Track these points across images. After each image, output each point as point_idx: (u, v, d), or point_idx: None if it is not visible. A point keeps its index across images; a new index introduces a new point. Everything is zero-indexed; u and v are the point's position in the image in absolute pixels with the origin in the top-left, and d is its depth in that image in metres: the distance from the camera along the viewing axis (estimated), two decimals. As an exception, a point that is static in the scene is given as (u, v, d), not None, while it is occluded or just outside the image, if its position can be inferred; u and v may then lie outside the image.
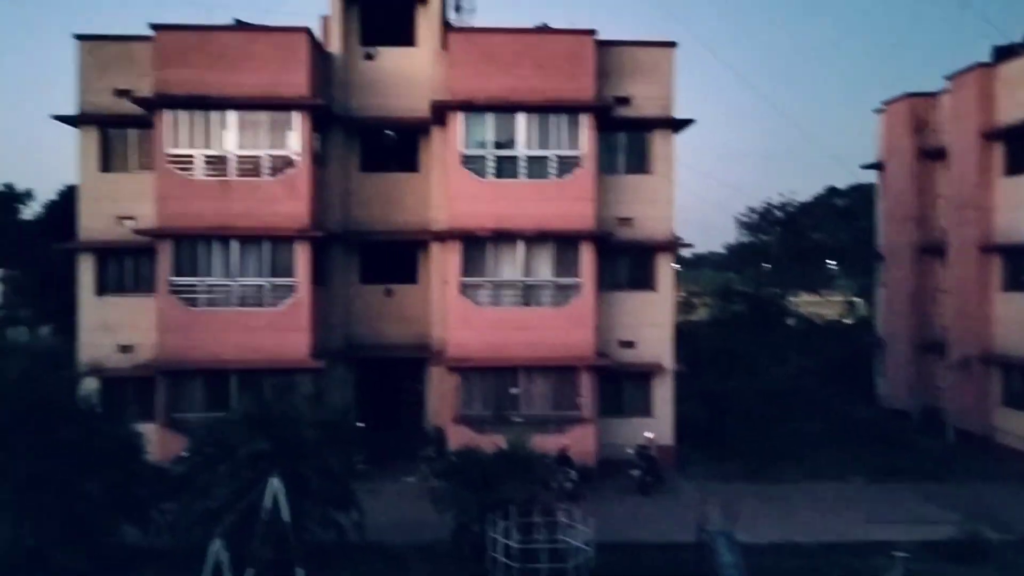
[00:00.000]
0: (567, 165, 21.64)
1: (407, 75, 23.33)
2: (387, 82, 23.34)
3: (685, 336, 27.42)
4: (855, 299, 48.45)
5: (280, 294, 21.20)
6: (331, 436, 15.44)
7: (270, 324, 21.03)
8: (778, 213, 45.70)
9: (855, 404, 31.31)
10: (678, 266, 29.78)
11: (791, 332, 37.83)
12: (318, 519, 14.91)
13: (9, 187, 72.58)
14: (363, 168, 23.66)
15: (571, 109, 21.52)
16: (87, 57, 22.46)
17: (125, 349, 22.03)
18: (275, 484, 13.10)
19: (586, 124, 21.58)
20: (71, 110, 22.59)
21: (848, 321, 43.95)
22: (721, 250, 68.05)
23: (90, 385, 19.20)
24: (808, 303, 48.02)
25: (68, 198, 32.33)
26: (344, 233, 23.11)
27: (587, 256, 21.69)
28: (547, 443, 18.56)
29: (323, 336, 22.27)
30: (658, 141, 23.08)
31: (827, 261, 51.09)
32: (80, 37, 22.44)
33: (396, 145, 23.95)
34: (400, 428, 23.12)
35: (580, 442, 20.99)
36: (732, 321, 36.43)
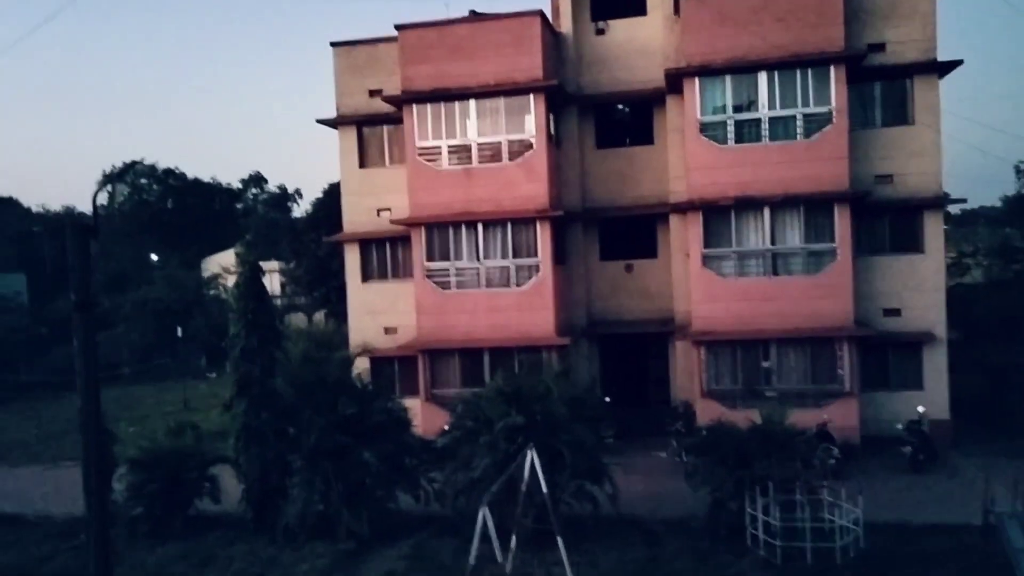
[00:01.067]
0: (815, 123, 20.17)
1: (638, 46, 22.93)
2: (618, 55, 23.09)
3: (958, 301, 24.69)
4: None
5: (524, 274, 21.80)
6: (580, 411, 15.67)
7: (516, 303, 21.72)
8: (1067, 159, 39.63)
9: None
10: (947, 225, 26.79)
11: (1090, 294, 32.76)
12: (573, 491, 15.22)
13: (282, 188, 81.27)
14: (598, 145, 23.65)
15: (818, 62, 20.01)
16: (342, 62, 24.37)
17: (389, 331, 23.80)
18: (531, 456, 13.48)
19: (836, 77, 19.97)
20: (331, 113, 24.66)
21: None
22: (998, 203, 60.15)
23: (361, 364, 20.97)
24: (1110, 260, 41.33)
25: (332, 195, 35.56)
26: (582, 211, 23.28)
27: (841, 219, 20.13)
28: (805, 418, 17.49)
29: (566, 313, 22.64)
30: (920, 88, 20.85)
31: None
32: (335, 44, 24.40)
33: (630, 119, 23.67)
34: (646, 403, 23.00)
35: (841, 417, 19.63)
36: (1014, 283, 32.22)
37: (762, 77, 20.38)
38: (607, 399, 20.28)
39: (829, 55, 19.95)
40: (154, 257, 60.78)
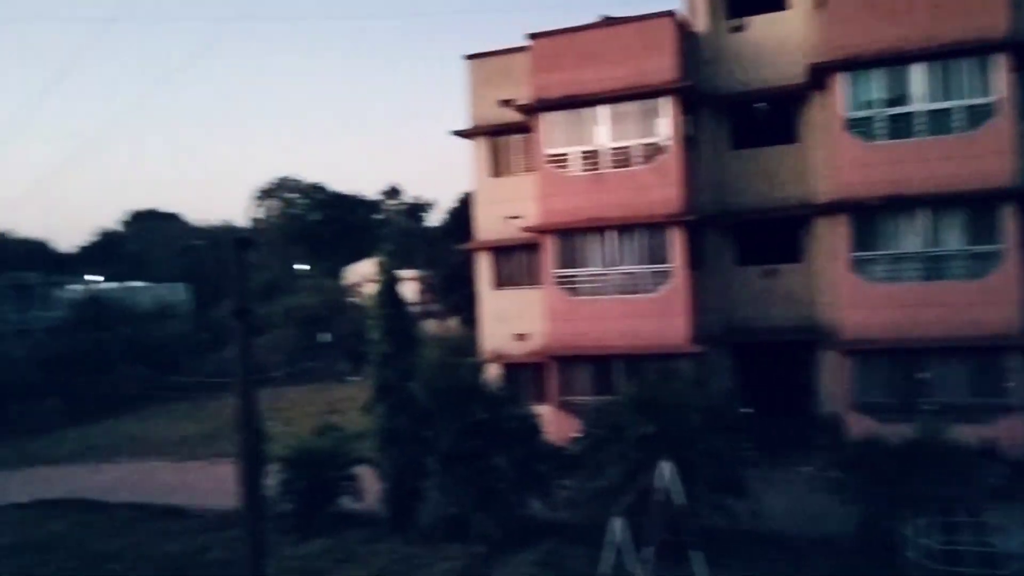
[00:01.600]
0: (977, 115, 18.69)
1: (778, 42, 22.05)
2: (756, 52, 22.29)
3: None
4: None
5: (656, 280, 21.33)
6: (716, 421, 15.13)
7: (648, 310, 21.27)
8: None
9: None
10: None
11: None
12: (709, 504, 14.68)
13: (417, 199, 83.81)
14: (735, 145, 22.87)
15: (979, 51, 18.55)
16: (475, 74, 24.80)
17: (519, 337, 23.89)
18: (666, 467, 13.13)
19: (1000, 65, 18.45)
20: (464, 125, 25.08)
21: None
22: None
23: (492, 370, 21.16)
24: None
25: (465, 204, 36.30)
26: (718, 215, 22.57)
27: (1008, 218, 18.53)
28: (967, 434, 16.13)
29: (701, 321, 21.97)
30: (1103, 72, 18.93)
31: None
32: (469, 56, 24.85)
33: (769, 117, 22.75)
34: (789, 415, 21.93)
35: (1009, 434, 18.00)
36: None
37: (915, 69, 19.09)
38: (746, 410, 19.51)
39: (991, 42, 18.45)
40: (301, 267, 64.02)
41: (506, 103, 23.87)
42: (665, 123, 21.05)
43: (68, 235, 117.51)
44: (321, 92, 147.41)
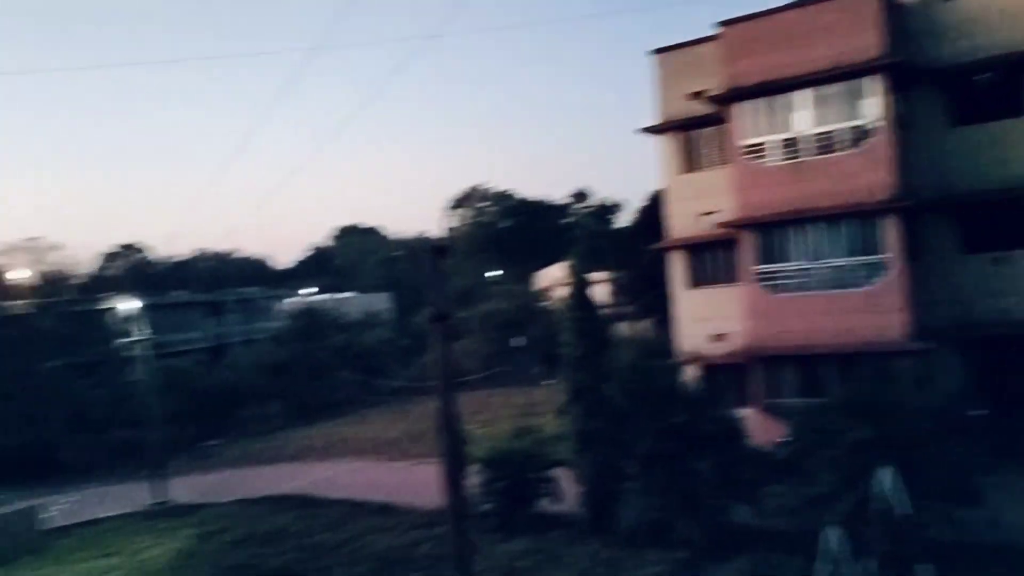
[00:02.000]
0: None
1: (999, 6, 19.83)
2: (974, 19, 20.15)
3: None
4: None
5: (868, 273, 19.80)
6: (943, 425, 13.76)
7: (860, 305, 19.78)
8: None
9: None
10: None
11: None
12: (936, 513, 13.36)
13: (605, 201, 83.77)
14: (955, 122, 20.76)
15: None
16: (662, 68, 24.27)
17: (717, 337, 23.03)
18: (886, 473, 12.11)
19: None
20: (652, 121, 24.58)
21: None
22: None
23: (690, 372, 20.53)
24: None
25: (656, 202, 35.69)
26: (938, 198, 20.57)
27: None
28: None
29: (922, 315, 20.10)
30: None
31: None
32: (656, 51, 24.36)
33: (993, 89, 20.49)
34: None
35: None
36: None
37: None
38: (979, 412, 17.60)
39: None
40: (493, 273, 65.86)
41: (696, 96, 23.18)
42: (872, 103, 19.54)
43: (285, 252, 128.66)
44: (507, 100, 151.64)
